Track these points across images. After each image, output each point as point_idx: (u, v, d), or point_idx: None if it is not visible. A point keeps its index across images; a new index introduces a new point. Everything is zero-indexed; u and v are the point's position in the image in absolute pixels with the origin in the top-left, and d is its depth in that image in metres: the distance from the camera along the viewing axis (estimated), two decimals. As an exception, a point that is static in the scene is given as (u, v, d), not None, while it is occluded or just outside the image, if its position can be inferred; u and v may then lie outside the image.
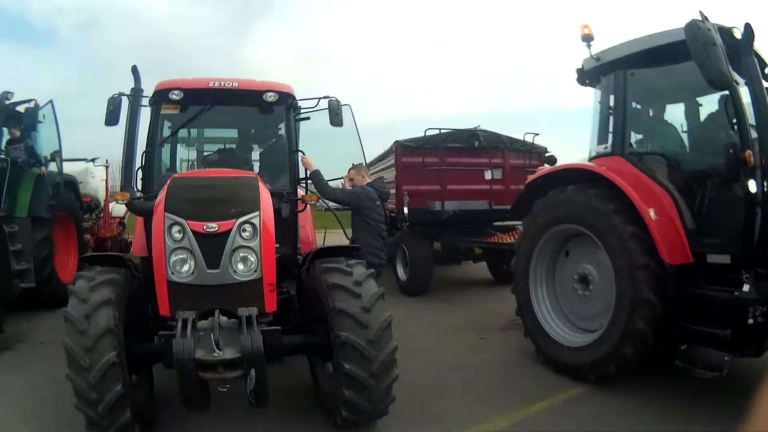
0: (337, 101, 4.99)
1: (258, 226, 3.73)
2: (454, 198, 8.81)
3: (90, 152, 11.60)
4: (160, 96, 4.66)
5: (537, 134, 9.92)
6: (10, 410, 4.57)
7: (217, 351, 3.23)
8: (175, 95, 4.57)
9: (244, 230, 3.69)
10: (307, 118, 5.34)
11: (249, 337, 3.24)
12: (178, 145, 5.79)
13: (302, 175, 5.12)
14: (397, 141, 9.19)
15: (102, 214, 11.43)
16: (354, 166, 6.41)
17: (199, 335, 3.35)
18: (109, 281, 3.61)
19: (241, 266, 3.67)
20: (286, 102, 4.96)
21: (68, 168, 9.30)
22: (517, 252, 5.64)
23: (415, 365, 4.12)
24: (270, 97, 4.78)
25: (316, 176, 5.58)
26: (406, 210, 8.69)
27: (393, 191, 8.96)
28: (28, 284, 7.30)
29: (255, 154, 5.98)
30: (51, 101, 8.47)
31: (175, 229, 3.63)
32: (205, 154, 5.85)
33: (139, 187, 4.61)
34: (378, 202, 6.17)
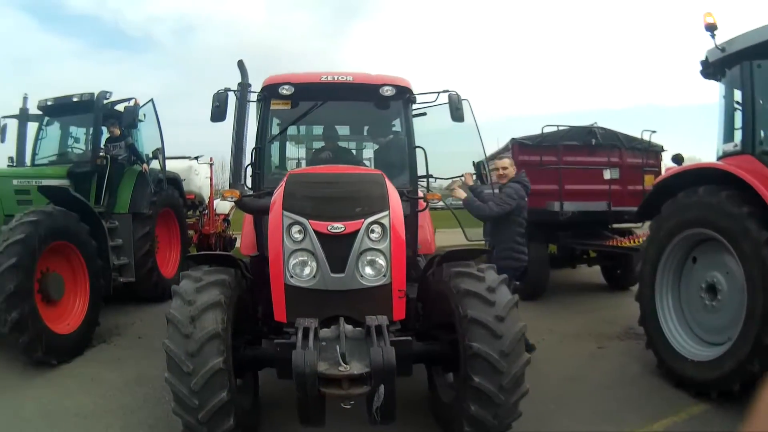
0: (458, 95, 4.60)
1: (387, 227, 3.39)
2: (572, 198, 8.17)
3: (194, 150, 11.89)
4: (270, 91, 4.46)
5: (654, 131, 9.08)
6: (106, 405, 4.48)
7: (343, 365, 2.80)
8: (285, 90, 4.36)
9: (373, 231, 3.36)
10: (424, 114, 4.96)
11: (380, 349, 2.82)
12: (286, 143, 5.60)
13: (420, 172, 4.70)
14: (513, 138, 8.64)
15: (206, 211, 11.58)
16: (501, 157, 6.05)
17: (322, 346, 2.98)
18: (218, 282, 3.33)
19: (369, 270, 3.35)
20: (404, 96, 4.64)
21: (172, 165, 9.48)
22: (643, 257, 5.29)
23: (534, 374, 3.64)
24: (387, 91, 4.46)
25: (470, 203, 5.29)
26: None
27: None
28: (127, 279, 7.39)
29: (366, 152, 5.71)
30: (151, 100, 8.58)
31: (295, 229, 3.34)
32: (315, 151, 5.58)
33: (248, 184, 4.41)
34: (526, 199, 5.57)
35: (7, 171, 6.36)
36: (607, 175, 8.40)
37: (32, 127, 7.86)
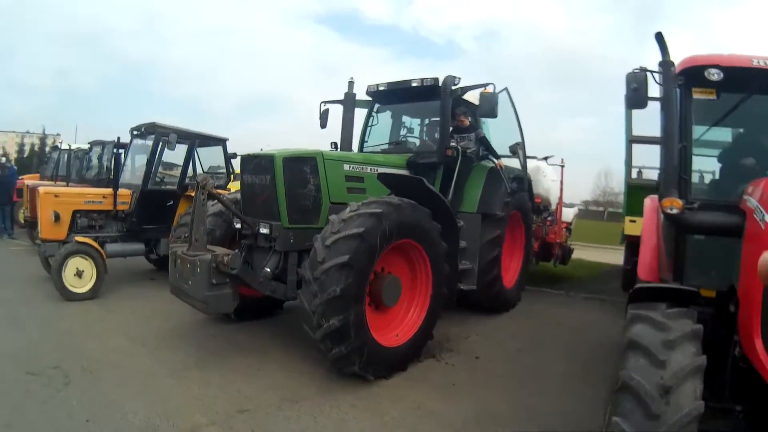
0: None
1: None
2: None
3: (539, 150, 10.66)
4: (691, 75, 3.56)
5: None
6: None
7: None
8: (713, 75, 3.45)
9: None
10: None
11: None
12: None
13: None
14: None
15: (551, 217, 10.56)
16: None
17: None
18: (692, 334, 2.59)
19: None
20: None
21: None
22: None
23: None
24: None
25: None
26: None
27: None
28: (468, 286, 6.57)
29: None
30: (506, 88, 7.65)
31: None
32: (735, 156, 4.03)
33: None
34: None
35: (336, 154, 5.84)
36: None
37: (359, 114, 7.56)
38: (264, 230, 4.98)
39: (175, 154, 8.93)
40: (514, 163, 7.93)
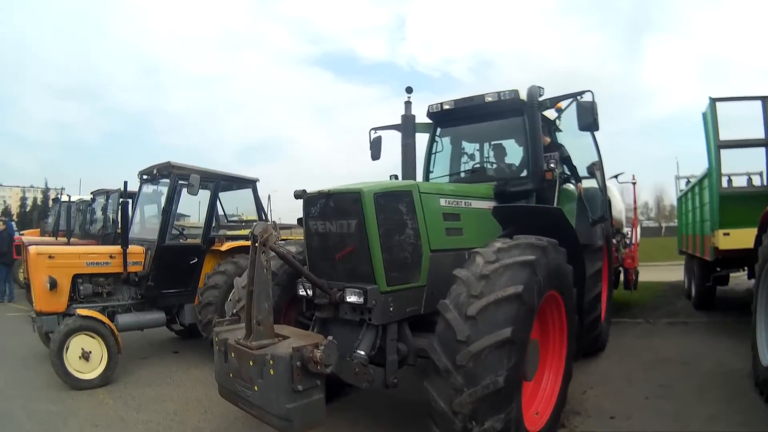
0: None
1: None
2: None
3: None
4: None
5: None
6: None
7: None
8: None
9: None
10: None
11: None
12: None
13: None
14: None
15: (628, 240, 9.64)
16: None
17: None
18: None
19: None
20: None
21: (587, 185, 7.13)
22: None
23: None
24: None
25: None
26: None
27: None
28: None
29: None
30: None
31: None
32: None
33: None
34: None
35: (431, 186, 4.65)
36: None
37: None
38: (352, 298, 3.55)
39: (187, 203, 7.51)
40: (591, 183, 6.79)
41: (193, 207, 8.31)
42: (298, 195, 3.78)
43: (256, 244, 3.20)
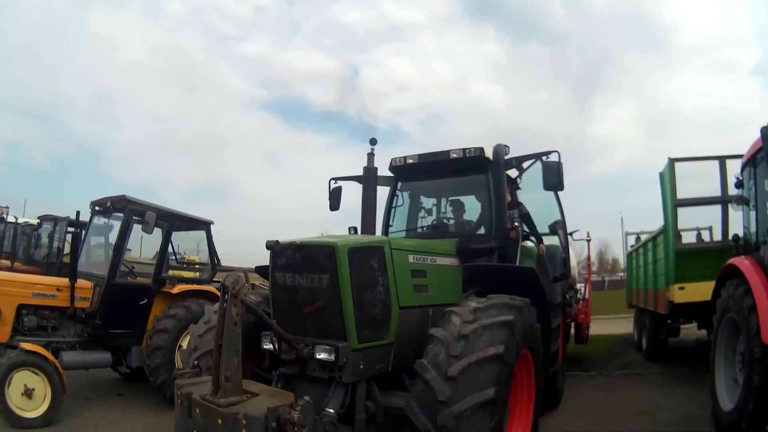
0: None
1: None
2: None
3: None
4: None
5: None
6: None
7: None
8: None
9: None
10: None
11: None
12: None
13: None
14: None
15: (578, 296, 9.89)
16: None
17: None
18: None
19: None
20: None
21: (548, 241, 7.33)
22: None
23: None
24: None
25: None
26: None
27: None
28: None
29: None
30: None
31: None
32: None
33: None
34: None
35: (401, 242, 4.71)
36: None
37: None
38: (323, 355, 3.48)
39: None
40: (553, 240, 6.98)
41: (135, 241, 7.97)
42: (270, 246, 3.71)
43: (227, 296, 3.13)
